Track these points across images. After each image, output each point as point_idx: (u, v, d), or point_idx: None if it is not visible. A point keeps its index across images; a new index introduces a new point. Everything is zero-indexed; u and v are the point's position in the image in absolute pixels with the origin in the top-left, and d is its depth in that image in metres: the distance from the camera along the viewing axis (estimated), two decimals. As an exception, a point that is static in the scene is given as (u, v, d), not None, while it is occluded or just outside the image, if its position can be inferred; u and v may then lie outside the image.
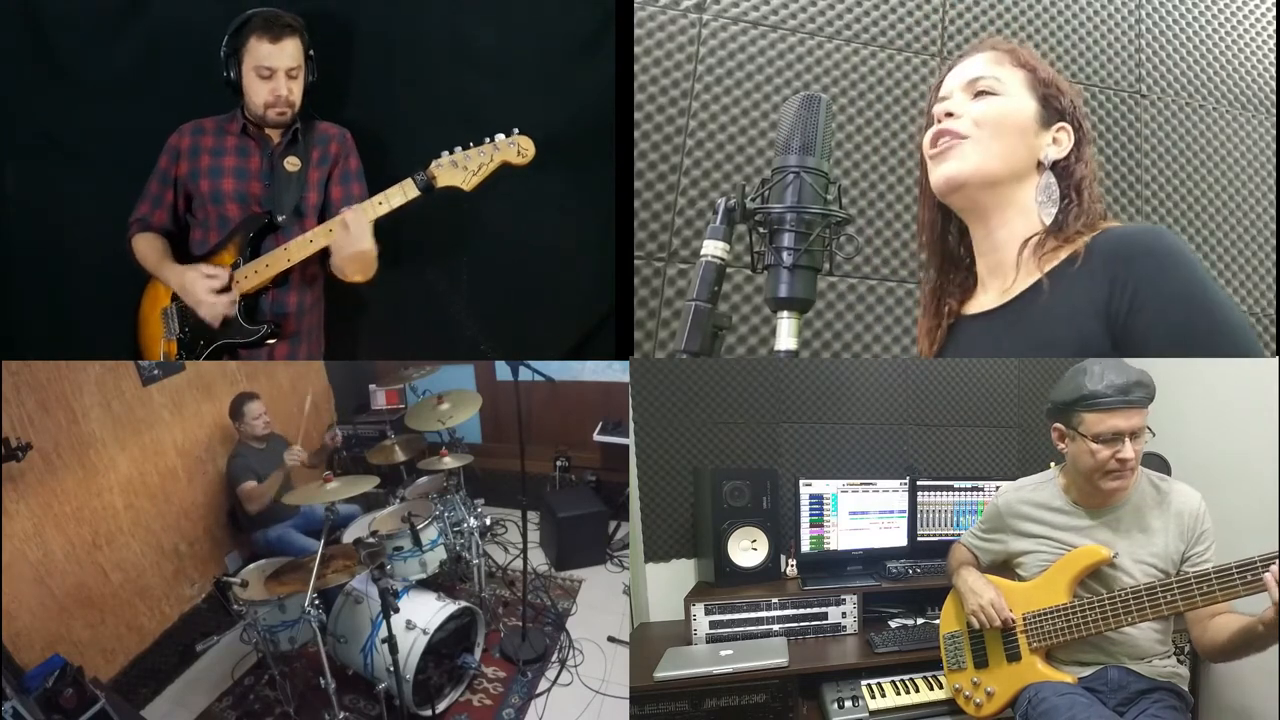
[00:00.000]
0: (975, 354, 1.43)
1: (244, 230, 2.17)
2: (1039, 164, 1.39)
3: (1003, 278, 1.42)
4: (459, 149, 2.06)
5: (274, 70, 2.09)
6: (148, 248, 2.22)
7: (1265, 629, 1.48)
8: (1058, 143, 1.39)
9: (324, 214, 2.22)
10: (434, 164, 2.07)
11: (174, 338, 2.21)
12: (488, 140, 2.06)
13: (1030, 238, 1.37)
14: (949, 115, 1.39)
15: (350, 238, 2.07)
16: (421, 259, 2.46)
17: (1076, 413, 1.70)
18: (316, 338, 2.34)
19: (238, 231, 2.17)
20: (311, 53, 2.16)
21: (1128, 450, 1.68)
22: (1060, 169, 1.39)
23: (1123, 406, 1.65)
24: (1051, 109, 1.40)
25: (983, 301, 1.47)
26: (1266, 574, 1.45)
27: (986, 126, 1.36)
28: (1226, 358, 1.19)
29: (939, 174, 1.39)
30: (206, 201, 2.19)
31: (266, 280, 2.15)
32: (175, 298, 2.19)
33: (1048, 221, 1.38)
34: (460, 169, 2.06)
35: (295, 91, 2.14)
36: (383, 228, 2.28)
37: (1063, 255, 1.33)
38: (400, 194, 2.08)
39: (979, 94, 1.39)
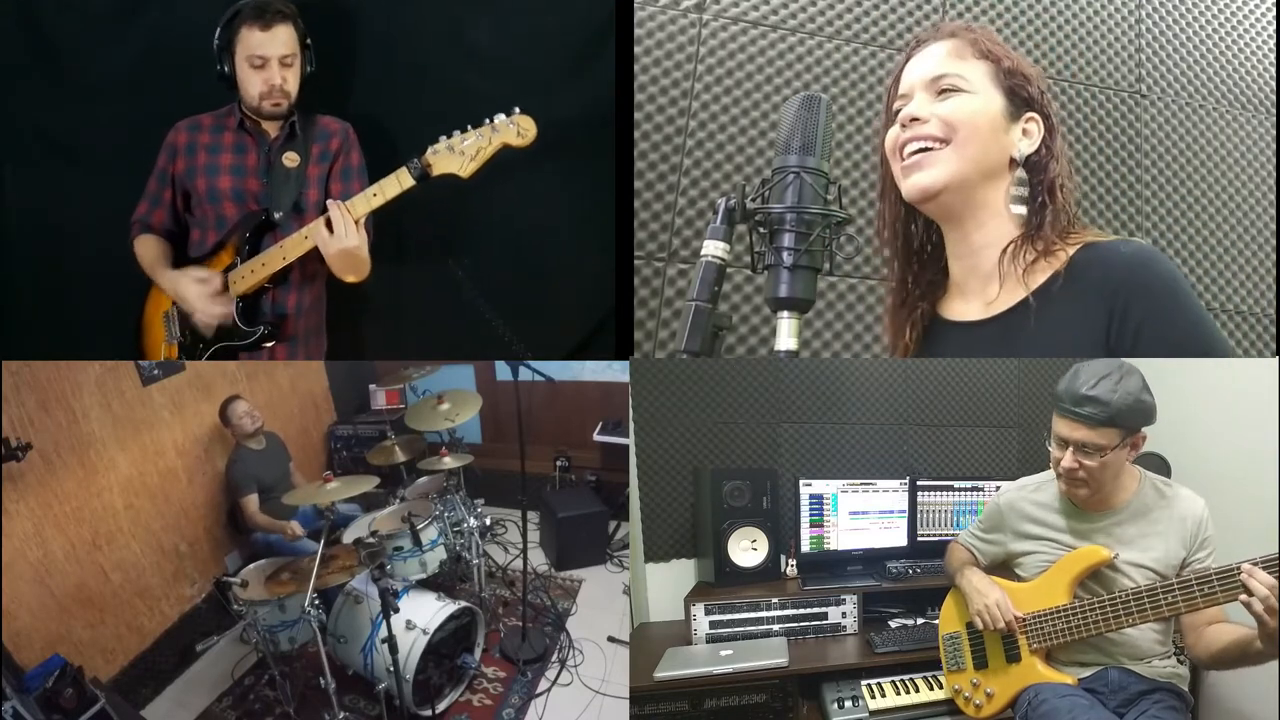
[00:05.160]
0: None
1: (241, 229, 2.12)
2: (1011, 160, 1.35)
3: (983, 284, 1.39)
4: (456, 133, 1.96)
5: (266, 59, 2.04)
6: (146, 251, 2.20)
7: (1265, 645, 1.45)
8: (1028, 134, 1.35)
9: (325, 211, 2.16)
10: (430, 150, 1.97)
11: (174, 341, 2.19)
12: (486, 122, 1.95)
13: (1008, 246, 1.34)
14: (915, 120, 1.33)
15: (331, 236, 1.98)
16: (422, 260, 2.46)
17: (1054, 410, 1.71)
18: (317, 338, 2.31)
19: (234, 231, 2.13)
20: (309, 41, 2.11)
21: (1068, 459, 1.68)
22: (1031, 164, 1.35)
23: (1068, 416, 1.65)
24: (1019, 99, 1.34)
25: (963, 309, 1.43)
26: (1242, 575, 1.43)
27: (958, 129, 1.31)
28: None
29: (912, 184, 1.34)
30: (204, 200, 2.15)
31: (264, 280, 2.10)
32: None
33: (1019, 220, 1.36)
34: (457, 154, 1.96)
35: (290, 81, 2.09)
36: (385, 227, 2.28)
37: (1047, 272, 1.29)
38: (395, 184, 1.99)
39: (943, 92, 1.33)
